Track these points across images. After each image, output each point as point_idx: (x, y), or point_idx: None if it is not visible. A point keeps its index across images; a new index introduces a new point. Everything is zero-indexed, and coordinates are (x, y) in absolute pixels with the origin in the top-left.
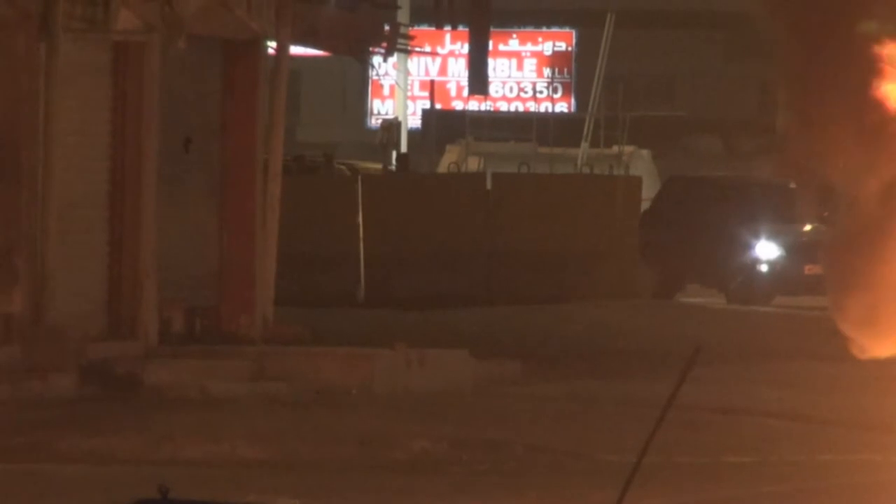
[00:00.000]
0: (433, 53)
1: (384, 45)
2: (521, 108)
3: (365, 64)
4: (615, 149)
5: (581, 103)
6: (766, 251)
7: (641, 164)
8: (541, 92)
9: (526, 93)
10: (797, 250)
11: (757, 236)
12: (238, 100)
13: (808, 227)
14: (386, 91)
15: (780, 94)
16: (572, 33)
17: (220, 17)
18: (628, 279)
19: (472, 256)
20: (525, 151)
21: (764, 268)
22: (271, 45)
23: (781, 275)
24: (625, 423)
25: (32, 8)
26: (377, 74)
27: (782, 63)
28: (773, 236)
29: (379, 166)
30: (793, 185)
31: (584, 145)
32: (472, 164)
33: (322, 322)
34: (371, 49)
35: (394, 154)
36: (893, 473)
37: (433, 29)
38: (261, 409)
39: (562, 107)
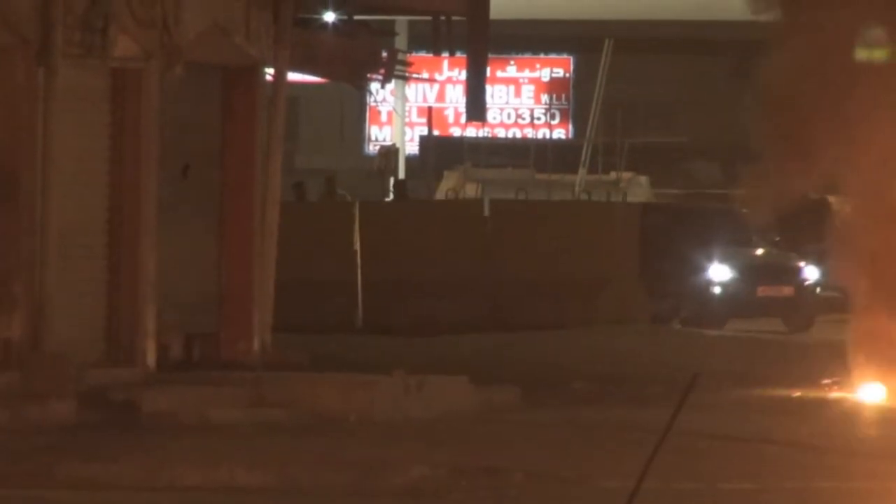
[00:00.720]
0: (431, 80)
1: (382, 71)
2: (518, 135)
3: (363, 90)
4: (613, 175)
5: (579, 130)
6: (720, 274)
7: (639, 191)
8: (538, 118)
9: (524, 119)
10: (750, 273)
11: (710, 259)
12: (236, 126)
13: (760, 251)
14: (384, 117)
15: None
16: (570, 59)
17: (219, 44)
18: (627, 305)
19: (470, 283)
20: (523, 178)
21: (717, 290)
22: (269, 72)
23: (735, 297)
24: (624, 449)
25: (31, 34)
26: (375, 101)
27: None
28: (726, 259)
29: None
30: (745, 210)
31: (582, 171)
32: (470, 191)
33: (321, 348)
34: (369, 76)
35: (391, 180)
36: (890, 501)
37: (431, 55)
38: (260, 435)
39: (559, 133)
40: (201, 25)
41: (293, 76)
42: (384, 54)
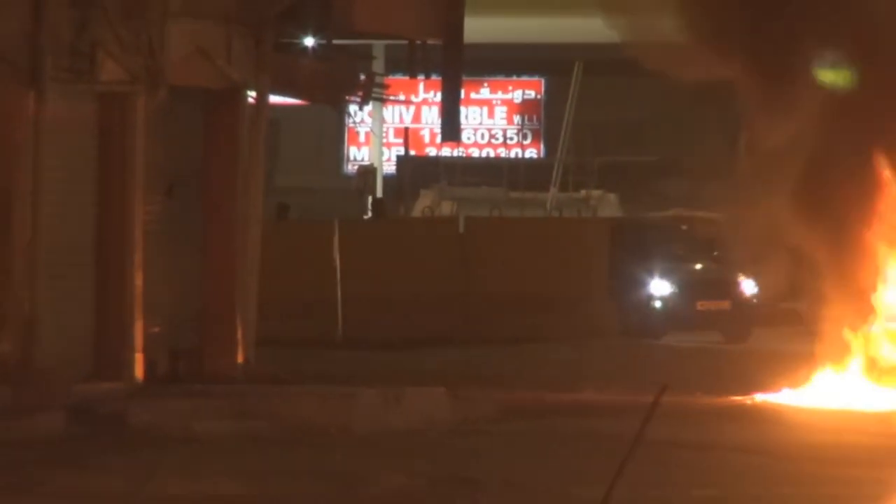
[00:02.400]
0: (407, 102)
1: (360, 93)
2: (492, 154)
3: (341, 112)
4: (583, 193)
5: (550, 149)
6: (660, 288)
7: (609, 208)
8: (511, 138)
9: (497, 139)
10: (690, 287)
11: (651, 274)
12: (219, 147)
13: (699, 266)
14: (362, 138)
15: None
16: (541, 81)
17: (202, 68)
18: (597, 319)
19: (446, 298)
20: (496, 196)
21: (658, 304)
22: (251, 95)
23: (675, 310)
24: (596, 458)
25: (20, 60)
26: (353, 122)
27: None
28: (666, 274)
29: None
30: (684, 227)
31: (554, 190)
32: (446, 209)
33: (302, 362)
34: (347, 98)
35: (369, 199)
36: None
37: (407, 78)
38: (243, 447)
39: (531, 153)
40: (185, 50)
41: (274, 98)
42: (362, 77)
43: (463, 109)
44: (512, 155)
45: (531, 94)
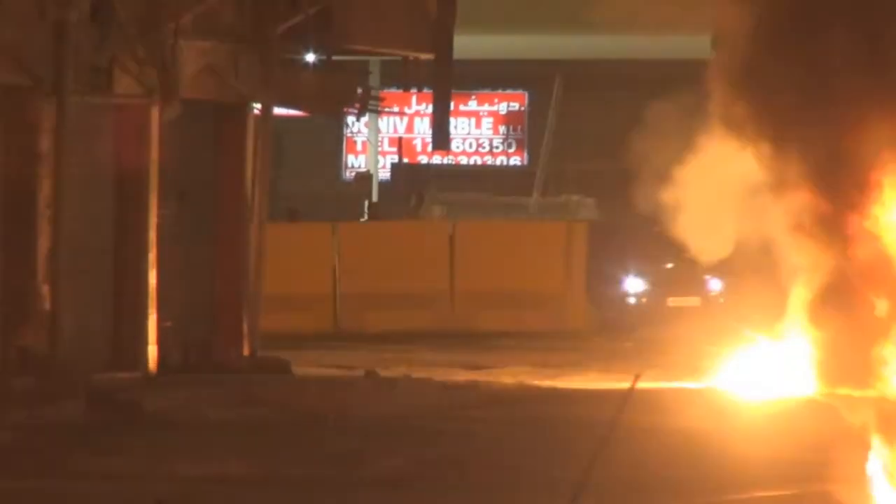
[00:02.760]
0: (401, 113)
1: (357, 105)
2: (479, 162)
3: (340, 123)
4: (563, 197)
5: (533, 157)
6: (634, 286)
7: (587, 212)
8: (497, 147)
9: (484, 148)
10: (661, 285)
11: (626, 273)
12: (228, 156)
13: (670, 265)
14: (359, 147)
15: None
16: (525, 94)
17: (211, 83)
18: (576, 314)
19: (436, 294)
20: (483, 200)
21: (632, 300)
22: (257, 107)
23: (648, 306)
24: (575, 442)
25: (44, 74)
26: (351, 132)
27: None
28: (640, 273)
29: None
30: (657, 228)
31: (536, 195)
32: (436, 212)
33: (304, 354)
34: (346, 109)
35: (366, 203)
36: (812, 485)
37: (401, 91)
38: (249, 431)
39: (516, 160)
40: (196, 66)
41: (278, 110)
42: (359, 91)
43: (452, 120)
44: (497, 162)
45: (515, 106)
